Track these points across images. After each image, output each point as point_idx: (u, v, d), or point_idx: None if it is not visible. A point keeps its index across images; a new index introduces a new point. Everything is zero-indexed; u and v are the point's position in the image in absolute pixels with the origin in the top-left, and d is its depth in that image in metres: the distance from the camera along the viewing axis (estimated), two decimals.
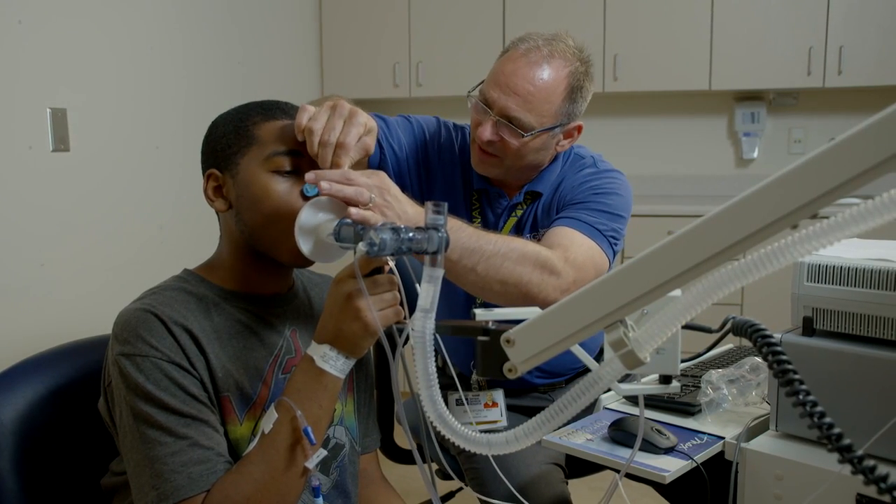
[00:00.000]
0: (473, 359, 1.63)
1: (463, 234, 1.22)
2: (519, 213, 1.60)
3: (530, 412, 1.67)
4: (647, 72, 3.56)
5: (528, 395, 1.73)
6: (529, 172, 1.57)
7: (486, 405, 1.63)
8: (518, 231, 1.60)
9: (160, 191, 2.90)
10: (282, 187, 1.02)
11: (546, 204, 1.59)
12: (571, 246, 1.37)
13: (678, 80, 3.54)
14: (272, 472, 0.94)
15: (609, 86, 3.60)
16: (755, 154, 3.74)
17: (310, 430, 0.94)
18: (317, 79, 4.02)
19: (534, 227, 1.60)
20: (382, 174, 1.11)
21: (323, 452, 0.97)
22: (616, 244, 1.50)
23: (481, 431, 0.75)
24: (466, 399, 1.61)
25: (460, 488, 1.04)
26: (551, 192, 1.59)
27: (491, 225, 1.61)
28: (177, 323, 0.98)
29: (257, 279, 1.09)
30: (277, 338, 1.09)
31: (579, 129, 1.56)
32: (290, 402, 0.95)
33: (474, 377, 1.67)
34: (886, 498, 0.57)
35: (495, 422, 1.57)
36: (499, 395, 1.63)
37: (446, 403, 0.76)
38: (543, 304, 1.52)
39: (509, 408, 1.69)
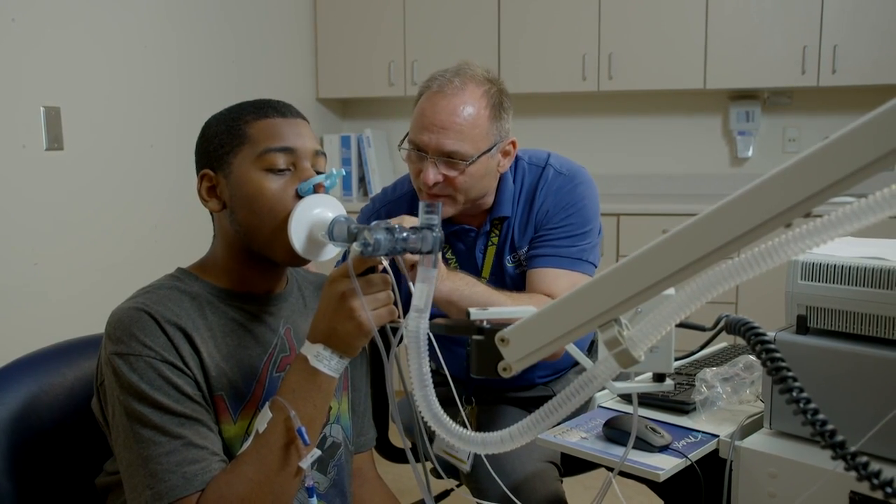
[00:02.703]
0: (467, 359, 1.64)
1: (477, 289, 1.38)
2: (495, 240, 1.63)
3: (530, 403, 1.69)
4: (642, 71, 3.56)
5: (530, 388, 1.73)
6: (483, 199, 1.59)
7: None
8: (500, 255, 1.63)
9: (154, 190, 2.89)
10: (275, 185, 1.01)
11: (522, 222, 1.61)
12: (556, 289, 1.48)
13: (673, 79, 3.54)
14: (266, 471, 0.94)
15: (604, 84, 3.60)
16: (750, 153, 3.74)
17: (304, 430, 0.94)
18: (311, 77, 4.01)
19: (512, 248, 1.63)
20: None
21: (317, 452, 0.97)
22: (594, 254, 1.60)
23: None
24: None
25: (454, 487, 1.04)
26: (524, 210, 1.61)
27: (466, 258, 1.64)
28: (170, 322, 0.98)
29: (251, 278, 1.09)
30: (272, 336, 1.09)
31: (514, 144, 1.59)
32: (284, 402, 0.94)
33: (461, 415, 1.68)
34: (879, 494, 0.57)
35: (462, 461, 1.57)
36: None
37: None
38: (553, 356, 1.58)
39: (511, 401, 1.71)
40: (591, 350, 1.82)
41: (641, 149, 3.89)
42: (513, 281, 1.63)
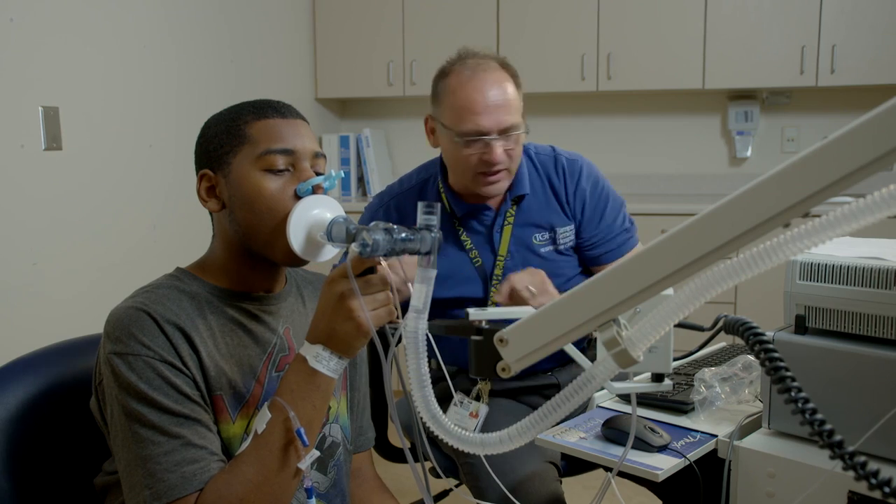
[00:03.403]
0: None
1: None
2: (511, 219, 1.67)
3: (539, 389, 1.70)
4: (641, 70, 3.56)
5: (533, 376, 1.75)
6: None
7: (471, 414, 1.65)
8: (520, 233, 1.67)
9: (153, 189, 2.89)
10: (274, 186, 1.01)
11: (554, 202, 1.71)
12: None
13: (672, 79, 3.54)
14: (265, 472, 0.94)
15: (603, 84, 3.60)
16: (748, 153, 3.74)
17: (303, 431, 0.94)
18: (310, 77, 4.01)
19: (549, 227, 1.70)
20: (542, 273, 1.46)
21: (316, 453, 0.97)
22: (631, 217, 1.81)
23: None
24: (460, 402, 1.64)
25: (453, 488, 1.04)
26: (558, 190, 1.71)
27: (483, 238, 1.68)
28: (169, 321, 0.98)
29: (251, 278, 1.09)
30: (271, 336, 1.09)
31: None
32: (284, 403, 0.94)
33: (475, 389, 1.69)
34: (877, 494, 0.57)
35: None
36: (483, 411, 1.66)
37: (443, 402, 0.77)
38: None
39: (510, 392, 1.73)
40: (589, 345, 1.83)
41: (640, 149, 3.89)
42: (543, 260, 1.69)
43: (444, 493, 1.92)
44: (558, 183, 1.70)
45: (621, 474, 1.14)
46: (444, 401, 1.65)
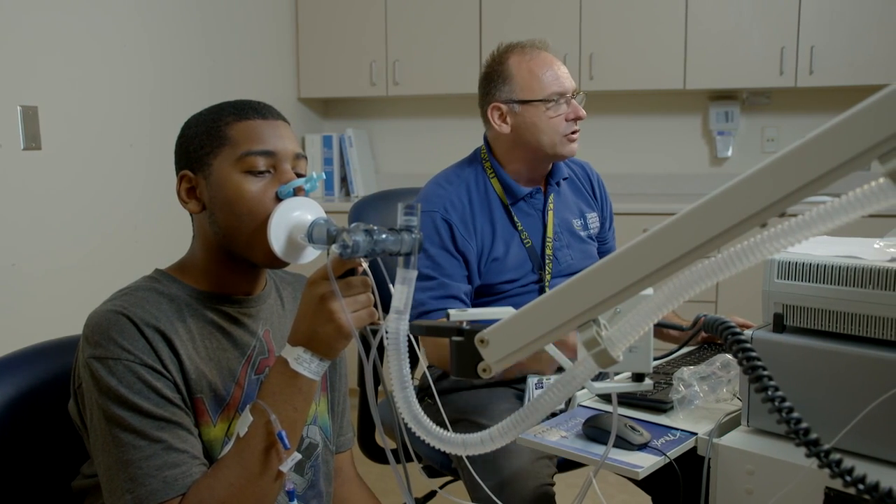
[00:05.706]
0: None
1: None
2: (552, 205, 1.76)
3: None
4: (623, 71, 3.58)
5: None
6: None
7: None
8: (560, 217, 1.76)
9: (134, 190, 2.87)
10: (255, 187, 1.01)
11: (586, 190, 1.89)
12: None
13: (653, 80, 3.56)
14: (247, 475, 0.93)
15: (585, 84, 3.61)
16: (729, 153, 3.77)
17: (284, 434, 0.93)
18: (292, 77, 3.99)
19: (580, 212, 1.83)
20: None
21: (297, 456, 0.97)
22: None
23: None
24: (542, 383, 1.64)
25: (438, 490, 1.04)
26: (582, 175, 1.91)
27: (533, 220, 1.75)
28: (149, 324, 0.97)
29: (230, 280, 1.08)
30: (250, 338, 1.09)
31: None
32: (265, 406, 0.94)
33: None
34: (852, 490, 0.58)
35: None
36: None
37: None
38: None
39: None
40: None
41: (622, 148, 3.91)
42: (583, 243, 1.80)
43: (431, 495, 1.92)
44: (581, 173, 1.89)
45: (605, 470, 1.15)
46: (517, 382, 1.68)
